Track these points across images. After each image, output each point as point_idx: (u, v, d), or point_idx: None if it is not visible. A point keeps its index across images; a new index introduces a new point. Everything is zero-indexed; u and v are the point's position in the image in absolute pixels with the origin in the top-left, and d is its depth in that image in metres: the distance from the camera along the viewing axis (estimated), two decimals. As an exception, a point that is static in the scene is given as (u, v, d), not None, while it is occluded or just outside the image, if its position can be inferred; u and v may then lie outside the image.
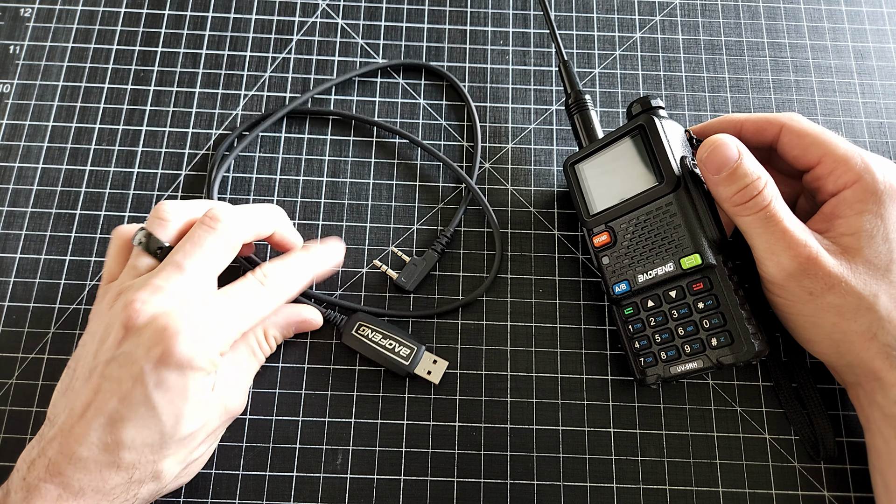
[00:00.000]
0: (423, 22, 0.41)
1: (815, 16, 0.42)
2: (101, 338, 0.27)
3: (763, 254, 0.29)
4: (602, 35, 0.41)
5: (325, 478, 0.32)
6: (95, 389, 0.26)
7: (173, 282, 0.27)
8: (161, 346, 0.25)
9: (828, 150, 0.30)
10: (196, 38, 0.40)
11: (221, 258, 0.28)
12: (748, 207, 0.28)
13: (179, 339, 0.25)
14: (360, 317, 0.34)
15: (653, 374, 0.32)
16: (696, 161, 0.30)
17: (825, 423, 0.32)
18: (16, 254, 0.36)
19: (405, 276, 0.35)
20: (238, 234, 0.29)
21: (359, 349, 0.33)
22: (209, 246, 0.28)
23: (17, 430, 0.33)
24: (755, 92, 0.40)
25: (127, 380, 0.25)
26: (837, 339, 0.29)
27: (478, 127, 0.38)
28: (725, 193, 0.29)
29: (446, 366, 0.33)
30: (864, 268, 0.28)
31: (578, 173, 0.33)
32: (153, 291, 0.26)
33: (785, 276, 0.28)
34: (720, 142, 0.28)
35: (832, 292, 0.28)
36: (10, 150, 0.38)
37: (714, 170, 0.29)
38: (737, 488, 0.32)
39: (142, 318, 0.26)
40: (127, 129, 0.38)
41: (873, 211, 0.28)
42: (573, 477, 0.32)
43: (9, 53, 0.40)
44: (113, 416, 0.25)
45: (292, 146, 0.38)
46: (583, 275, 0.36)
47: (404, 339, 0.33)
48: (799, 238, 0.28)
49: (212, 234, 0.28)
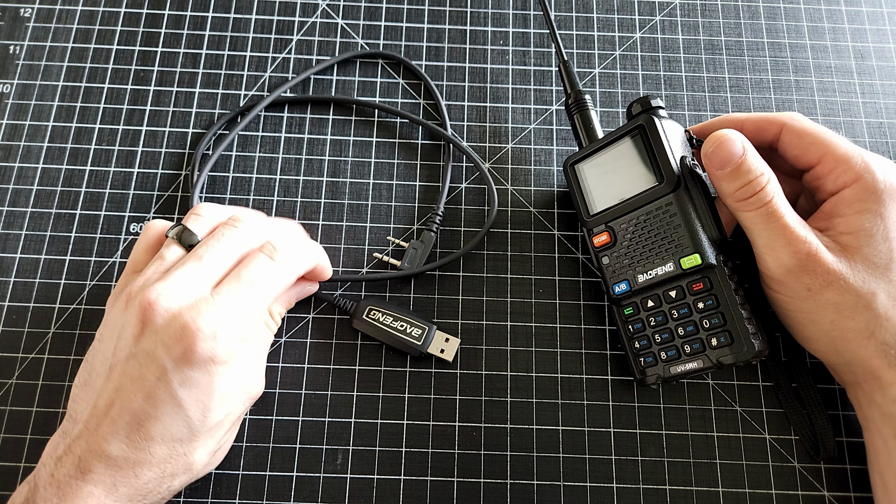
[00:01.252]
0: (423, 22, 0.41)
1: (815, 16, 0.42)
2: (119, 332, 0.26)
3: (763, 249, 0.29)
4: (602, 35, 0.41)
5: (325, 478, 0.32)
6: (117, 387, 0.26)
7: (191, 273, 0.27)
8: (182, 345, 0.25)
9: (828, 149, 0.30)
10: (196, 38, 0.40)
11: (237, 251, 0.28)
12: (750, 203, 0.28)
13: (199, 338, 0.25)
14: (369, 301, 0.34)
15: (653, 374, 0.32)
16: (701, 155, 0.30)
17: (825, 423, 0.32)
18: (16, 254, 0.36)
19: (408, 262, 0.35)
20: (259, 235, 0.29)
21: (371, 333, 0.33)
22: (229, 241, 0.28)
23: (17, 431, 0.33)
24: (755, 92, 0.40)
25: (150, 378, 0.25)
26: (835, 336, 0.29)
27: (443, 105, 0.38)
28: (729, 189, 0.29)
29: (458, 343, 0.34)
30: (864, 266, 0.28)
31: (578, 173, 0.33)
32: (170, 284, 0.26)
33: (784, 271, 0.28)
34: (725, 137, 0.29)
35: (830, 289, 0.28)
36: (10, 150, 0.38)
37: (718, 165, 0.29)
38: (737, 488, 0.32)
39: (159, 313, 0.26)
40: (127, 129, 0.38)
41: (873, 210, 0.28)
42: (573, 477, 0.32)
43: (9, 53, 0.40)
44: (139, 413, 0.25)
45: (292, 146, 0.38)
46: (583, 275, 0.36)
47: (415, 320, 0.33)
48: (799, 234, 0.28)
49: (233, 231, 0.29)
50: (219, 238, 0.28)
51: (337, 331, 0.35)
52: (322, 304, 0.35)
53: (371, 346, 0.34)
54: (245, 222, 0.29)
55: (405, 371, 0.34)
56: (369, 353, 0.34)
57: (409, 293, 0.35)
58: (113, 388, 0.26)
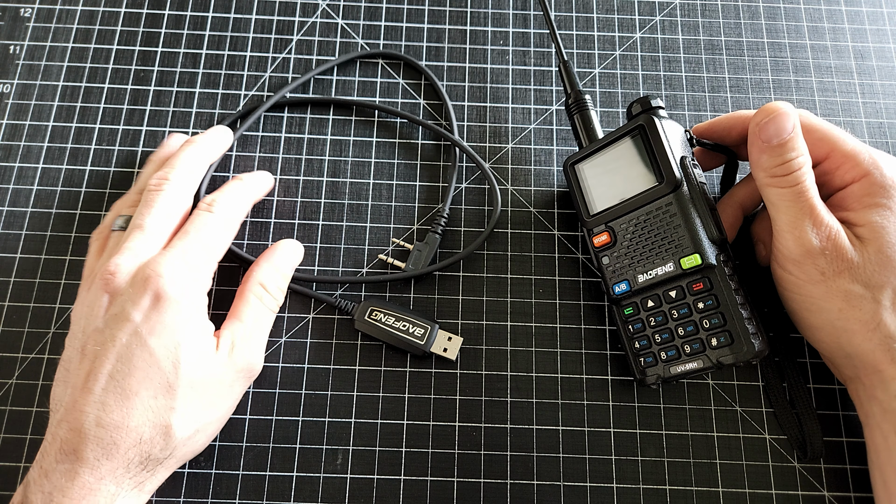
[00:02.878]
0: (423, 22, 0.41)
1: (815, 16, 0.42)
2: (87, 313, 0.28)
3: (785, 227, 0.29)
4: (602, 35, 0.41)
5: (325, 478, 0.32)
6: (91, 359, 0.26)
7: (139, 240, 0.29)
8: (148, 293, 0.27)
9: (835, 145, 0.30)
10: (196, 38, 0.40)
11: (175, 211, 0.31)
12: (785, 180, 0.29)
13: (163, 280, 0.27)
14: (371, 302, 0.34)
15: (653, 374, 0.32)
16: (750, 123, 0.30)
17: (814, 423, 0.32)
18: (16, 254, 0.36)
19: (412, 264, 0.35)
20: (185, 186, 0.31)
21: (373, 333, 0.33)
22: (161, 203, 0.30)
23: (17, 431, 0.33)
24: (755, 92, 0.40)
25: (121, 338, 0.26)
26: (840, 327, 0.29)
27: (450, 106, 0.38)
28: (768, 163, 0.29)
29: (461, 342, 0.34)
30: (876, 257, 0.28)
31: (578, 173, 0.33)
32: (124, 253, 0.28)
33: (803, 251, 0.28)
34: (781, 112, 0.28)
35: (842, 277, 0.28)
36: (10, 150, 0.38)
37: (767, 137, 0.29)
38: (737, 488, 0.32)
39: (121, 277, 0.28)
40: (127, 129, 0.38)
41: (883, 204, 0.29)
42: (573, 477, 0.32)
43: (9, 53, 0.39)
44: (114, 375, 0.26)
45: (292, 146, 0.38)
46: (583, 275, 0.36)
47: (417, 320, 0.33)
48: (824, 217, 0.28)
49: (161, 193, 0.30)
50: (150, 204, 0.30)
51: (337, 331, 0.35)
52: (322, 305, 0.35)
53: (371, 347, 0.34)
54: (170, 180, 0.31)
55: (405, 371, 0.34)
56: (369, 354, 0.34)
57: (410, 294, 0.35)
58: (88, 362, 0.27)
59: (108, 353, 0.26)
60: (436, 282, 0.36)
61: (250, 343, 0.30)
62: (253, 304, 0.31)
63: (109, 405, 0.26)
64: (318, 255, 0.36)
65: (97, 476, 0.25)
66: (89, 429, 0.25)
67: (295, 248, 0.34)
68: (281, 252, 0.33)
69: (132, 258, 0.28)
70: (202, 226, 0.30)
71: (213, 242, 0.30)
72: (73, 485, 0.25)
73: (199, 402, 0.28)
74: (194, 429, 0.28)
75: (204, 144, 0.34)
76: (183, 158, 0.32)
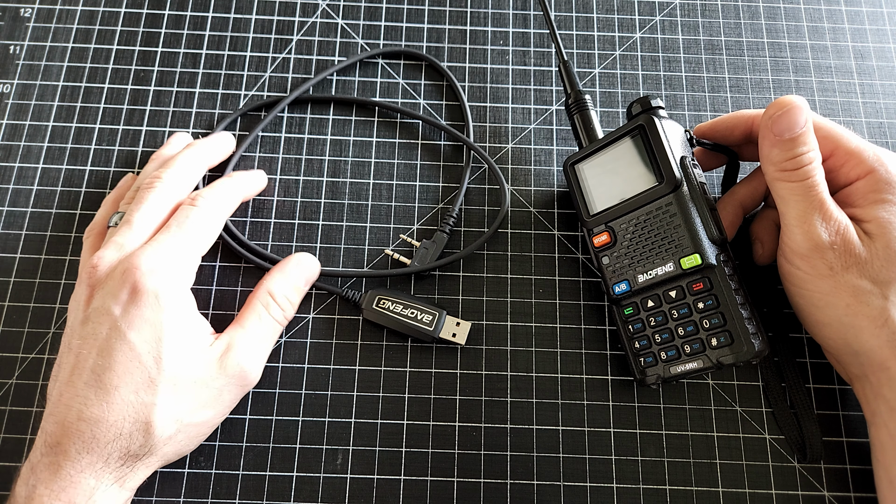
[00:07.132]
0: (423, 22, 0.41)
1: (815, 16, 0.42)
2: (74, 309, 0.28)
3: (794, 221, 0.29)
4: (602, 35, 0.41)
5: (325, 478, 0.32)
6: (76, 354, 0.27)
7: (125, 234, 0.29)
8: (127, 286, 0.27)
9: (839, 143, 0.30)
10: (196, 38, 0.40)
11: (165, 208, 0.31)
12: (796, 174, 0.29)
13: (140, 273, 0.27)
14: (377, 291, 0.34)
15: (653, 374, 0.32)
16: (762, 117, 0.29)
17: (813, 424, 0.32)
18: (16, 254, 0.36)
19: (418, 261, 0.35)
20: (179, 185, 0.32)
21: (382, 322, 0.33)
22: (151, 200, 0.30)
23: (17, 431, 0.33)
24: (755, 92, 0.40)
25: (102, 332, 0.27)
26: (848, 322, 0.29)
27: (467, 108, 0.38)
28: (778, 157, 0.29)
29: (470, 326, 0.34)
30: (884, 253, 0.28)
31: (578, 173, 0.33)
32: (108, 247, 0.29)
33: (812, 246, 0.28)
34: (794, 106, 0.28)
35: (851, 272, 0.28)
36: (10, 150, 0.38)
37: (779, 131, 0.29)
38: (737, 488, 0.32)
39: (101, 270, 0.28)
40: (127, 129, 0.38)
41: (890, 200, 0.29)
42: (573, 477, 0.32)
43: (9, 53, 0.40)
44: (95, 369, 0.26)
45: (292, 146, 0.38)
46: (583, 275, 0.36)
47: (425, 307, 0.33)
48: (833, 211, 0.29)
49: (152, 191, 0.31)
50: (141, 201, 0.30)
51: (337, 331, 0.35)
52: (322, 304, 0.35)
53: (371, 347, 0.34)
54: (163, 179, 0.31)
55: (405, 371, 0.34)
56: (369, 354, 0.34)
57: (410, 292, 0.35)
58: (73, 356, 0.27)
59: (90, 348, 0.26)
60: (436, 281, 0.36)
61: (247, 350, 0.30)
62: (257, 312, 0.31)
63: (90, 399, 0.26)
64: (319, 255, 0.36)
65: (77, 469, 0.25)
66: (71, 422, 0.26)
67: (310, 263, 0.34)
68: (294, 264, 0.33)
69: (116, 252, 0.29)
70: (184, 219, 0.30)
71: (196, 236, 0.30)
72: (56, 478, 0.25)
73: (183, 402, 0.28)
74: (175, 428, 0.28)
75: (204, 148, 0.34)
76: (181, 159, 0.32)
